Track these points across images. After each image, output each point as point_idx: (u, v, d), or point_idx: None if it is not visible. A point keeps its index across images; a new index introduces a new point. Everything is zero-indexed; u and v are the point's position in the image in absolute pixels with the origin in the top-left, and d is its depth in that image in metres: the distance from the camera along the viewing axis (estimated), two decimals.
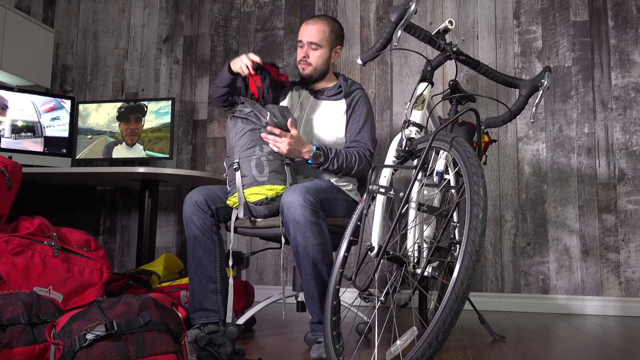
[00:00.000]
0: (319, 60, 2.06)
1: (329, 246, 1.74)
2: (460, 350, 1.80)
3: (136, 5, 3.46)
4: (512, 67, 2.94)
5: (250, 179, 1.84)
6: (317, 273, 1.71)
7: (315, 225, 1.70)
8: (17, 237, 1.82)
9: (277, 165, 1.86)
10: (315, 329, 1.78)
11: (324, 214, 1.77)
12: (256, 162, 1.85)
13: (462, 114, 1.46)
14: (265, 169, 1.84)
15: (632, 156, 2.76)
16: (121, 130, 3.03)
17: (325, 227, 1.75)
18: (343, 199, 1.98)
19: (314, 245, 1.69)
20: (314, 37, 2.03)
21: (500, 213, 2.87)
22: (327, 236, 1.74)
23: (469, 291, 1.17)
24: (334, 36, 2.07)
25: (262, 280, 3.06)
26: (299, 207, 1.68)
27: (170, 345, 1.15)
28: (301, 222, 1.68)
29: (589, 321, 2.48)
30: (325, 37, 2.04)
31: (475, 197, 1.24)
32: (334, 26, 2.08)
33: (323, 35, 2.04)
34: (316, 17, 2.09)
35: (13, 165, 1.90)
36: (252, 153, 1.86)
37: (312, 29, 2.04)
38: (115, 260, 3.29)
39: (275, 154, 1.88)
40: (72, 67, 3.51)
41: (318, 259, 1.70)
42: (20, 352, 1.28)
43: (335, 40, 2.08)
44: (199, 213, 1.92)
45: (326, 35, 2.04)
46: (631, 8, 2.84)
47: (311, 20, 2.07)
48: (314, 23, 2.05)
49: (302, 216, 1.68)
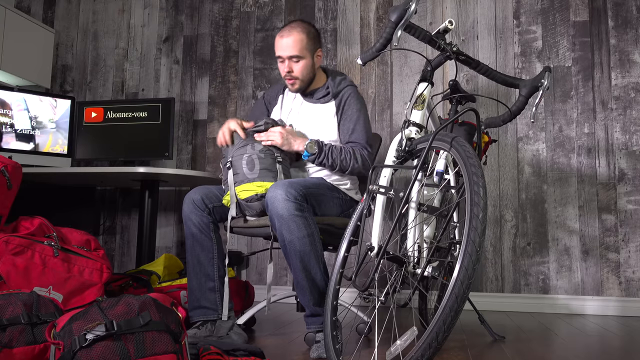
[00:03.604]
0: (304, 71, 2.01)
1: (315, 239, 1.73)
2: (460, 350, 1.80)
3: (136, 5, 3.46)
4: (512, 67, 2.94)
5: (241, 176, 1.87)
6: (304, 266, 1.72)
7: (300, 218, 1.70)
8: (17, 237, 1.82)
9: (269, 163, 1.87)
10: (309, 322, 1.78)
11: (309, 207, 1.76)
12: (247, 160, 1.87)
13: (462, 114, 1.46)
14: (256, 166, 1.86)
15: (632, 156, 2.76)
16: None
17: (311, 220, 1.74)
18: (337, 196, 1.97)
19: (299, 238, 1.69)
20: (293, 49, 1.97)
21: (500, 213, 2.87)
22: (313, 228, 1.73)
23: (469, 291, 1.17)
24: (312, 42, 2.01)
25: (262, 280, 3.06)
26: (282, 201, 1.69)
27: (170, 345, 1.15)
28: (284, 216, 1.69)
29: (589, 321, 2.48)
30: (304, 46, 1.98)
31: (475, 197, 1.24)
32: (309, 31, 2.01)
33: (302, 45, 1.97)
34: (289, 27, 2.01)
35: (13, 165, 1.90)
36: (244, 151, 1.89)
37: (288, 42, 1.97)
38: (115, 260, 3.29)
39: (267, 152, 1.89)
40: (72, 67, 3.51)
41: (304, 252, 1.70)
42: (20, 352, 1.28)
43: (314, 45, 2.02)
44: (196, 211, 1.95)
45: (304, 44, 1.98)
46: (631, 8, 2.84)
47: (285, 32, 1.99)
48: (288, 35, 1.98)
49: (285, 210, 1.68)
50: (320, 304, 1.75)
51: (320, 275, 1.74)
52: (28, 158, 2.91)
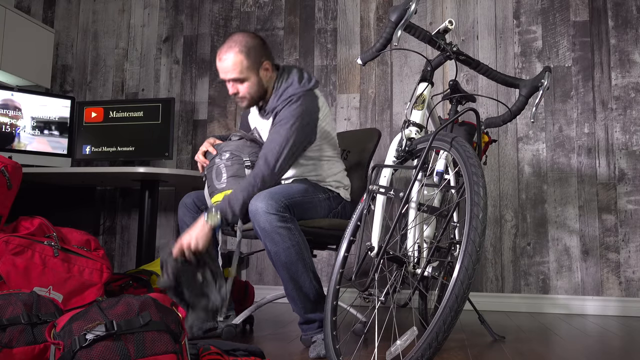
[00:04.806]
0: (250, 90, 1.89)
1: (301, 247, 1.71)
2: (460, 350, 1.80)
3: (136, 5, 3.46)
4: (512, 67, 2.94)
5: (212, 187, 1.89)
6: (291, 276, 1.71)
7: (283, 229, 1.68)
8: (17, 237, 1.82)
9: (236, 169, 1.87)
10: (304, 329, 1.79)
11: (293, 217, 1.73)
12: (216, 170, 1.89)
13: (462, 114, 1.46)
14: (222, 176, 1.87)
15: (632, 156, 2.76)
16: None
17: (296, 229, 1.72)
18: (323, 197, 1.92)
19: (284, 249, 1.69)
20: (233, 72, 1.85)
21: (500, 213, 2.87)
22: (299, 238, 1.71)
23: (469, 291, 1.17)
24: (253, 58, 1.86)
25: (262, 280, 3.06)
26: (263, 214, 1.67)
27: (170, 345, 1.15)
28: (267, 229, 1.68)
29: (589, 321, 2.48)
30: (244, 67, 1.84)
31: (475, 197, 1.24)
32: (248, 50, 1.85)
33: (241, 66, 1.84)
34: (226, 45, 1.86)
35: (13, 165, 1.90)
36: (213, 163, 1.91)
37: (227, 65, 1.85)
38: (115, 260, 3.29)
39: (234, 159, 1.88)
40: (72, 67, 3.51)
41: (290, 262, 1.70)
42: (20, 352, 1.28)
43: (256, 61, 1.86)
44: (189, 213, 2.01)
45: (245, 65, 1.84)
46: (631, 8, 2.84)
47: (222, 54, 1.86)
48: (225, 57, 1.85)
49: (267, 223, 1.67)
50: (313, 310, 1.76)
51: (309, 283, 1.73)
52: (28, 158, 2.91)
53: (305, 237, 1.75)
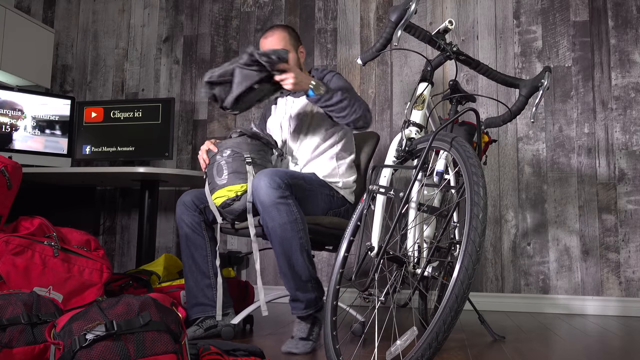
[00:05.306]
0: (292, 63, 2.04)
1: (298, 225, 1.73)
2: (460, 350, 1.80)
3: (136, 5, 3.46)
4: (512, 67, 2.94)
5: (213, 184, 1.90)
6: (284, 251, 1.72)
7: (282, 205, 1.71)
8: (17, 237, 1.82)
9: (237, 166, 1.87)
10: (292, 306, 1.79)
11: (293, 196, 1.76)
12: (216, 167, 1.90)
13: (462, 114, 1.46)
14: (223, 172, 1.87)
15: (632, 156, 2.76)
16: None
17: (295, 207, 1.74)
18: (326, 193, 1.97)
19: (280, 224, 1.70)
20: (279, 44, 2.07)
21: (500, 213, 2.87)
22: (297, 215, 1.73)
23: (469, 291, 1.17)
24: (294, 39, 2.14)
25: (262, 280, 3.05)
26: (264, 187, 1.71)
27: (170, 345, 1.15)
28: (266, 203, 1.70)
29: (589, 321, 2.48)
30: (287, 41, 2.10)
31: (475, 197, 1.24)
32: (290, 31, 2.14)
33: (286, 40, 2.09)
34: (270, 29, 2.14)
35: (13, 165, 1.90)
36: (214, 160, 1.92)
37: (272, 40, 2.09)
38: (115, 260, 3.29)
39: (235, 155, 1.89)
40: (72, 67, 3.51)
41: (285, 238, 1.71)
42: (20, 352, 1.28)
43: (296, 42, 2.14)
44: (187, 212, 2.00)
45: (287, 40, 2.10)
46: (631, 8, 2.84)
47: (268, 34, 2.12)
48: (272, 34, 2.11)
49: (267, 197, 1.70)
50: (302, 290, 1.75)
51: (301, 262, 1.74)
52: (28, 158, 2.91)
53: (304, 217, 1.77)
